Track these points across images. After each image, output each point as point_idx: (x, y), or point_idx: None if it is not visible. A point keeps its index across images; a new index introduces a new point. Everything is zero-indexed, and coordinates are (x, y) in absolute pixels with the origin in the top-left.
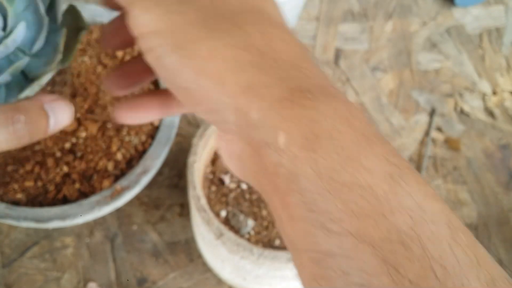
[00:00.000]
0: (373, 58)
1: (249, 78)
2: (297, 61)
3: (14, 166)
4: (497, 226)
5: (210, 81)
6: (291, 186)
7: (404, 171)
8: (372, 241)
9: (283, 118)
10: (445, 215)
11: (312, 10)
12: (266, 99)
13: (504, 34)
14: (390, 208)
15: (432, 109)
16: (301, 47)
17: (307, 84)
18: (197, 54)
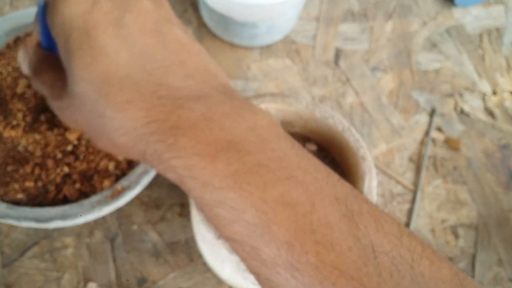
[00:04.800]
0: (373, 58)
1: None
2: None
3: (14, 166)
4: (497, 226)
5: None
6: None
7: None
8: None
9: None
10: None
11: (312, 10)
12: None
13: (504, 34)
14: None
15: (432, 109)
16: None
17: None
18: None
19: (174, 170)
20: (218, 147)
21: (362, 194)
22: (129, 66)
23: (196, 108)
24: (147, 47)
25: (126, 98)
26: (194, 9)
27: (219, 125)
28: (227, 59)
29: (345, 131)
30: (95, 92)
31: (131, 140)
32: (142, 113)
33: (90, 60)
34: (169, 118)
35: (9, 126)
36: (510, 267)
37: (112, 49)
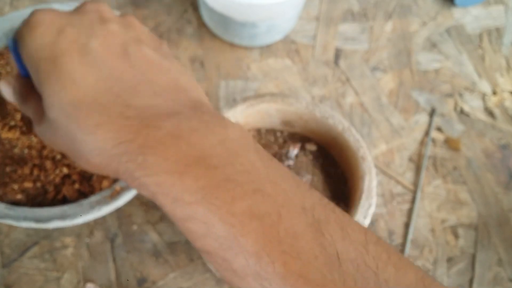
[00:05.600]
0: (373, 58)
1: None
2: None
3: (12, 166)
4: (497, 226)
5: None
6: None
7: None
8: None
9: None
10: None
11: (312, 10)
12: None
13: (504, 34)
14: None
15: (432, 109)
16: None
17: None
18: None
19: (146, 187)
20: (186, 163)
21: (331, 204)
22: (96, 91)
23: (164, 126)
24: (114, 69)
25: (94, 122)
26: (194, 9)
27: (187, 142)
28: (227, 59)
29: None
30: (65, 118)
31: (104, 161)
32: (111, 135)
33: (59, 88)
34: (137, 138)
35: (6, 127)
36: (510, 267)
37: (79, 76)
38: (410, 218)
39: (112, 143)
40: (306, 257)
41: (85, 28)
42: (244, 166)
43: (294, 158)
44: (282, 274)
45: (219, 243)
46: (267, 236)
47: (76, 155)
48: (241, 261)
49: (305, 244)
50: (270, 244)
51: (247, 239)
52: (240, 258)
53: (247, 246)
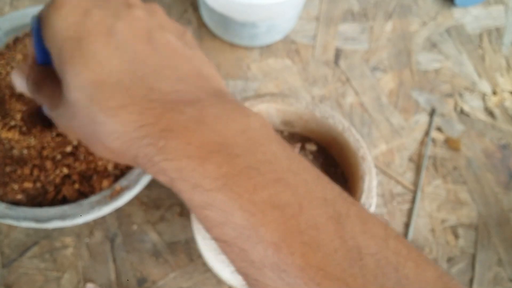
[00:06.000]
0: (373, 58)
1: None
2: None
3: (12, 166)
4: (497, 226)
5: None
6: None
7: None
8: None
9: None
10: None
11: (312, 10)
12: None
13: (504, 34)
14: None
15: (432, 109)
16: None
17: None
18: None
19: (164, 172)
20: (209, 149)
21: (351, 198)
22: (120, 72)
23: (187, 111)
24: (139, 53)
25: (117, 104)
26: (194, 9)
27: (210, 128)
28: (227, 59)
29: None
30: (87, 99)
31: (123, 145)
32: (133, 117)
33: (82, 69)
34: (159, 121)
35: (6, 127)
36: (510, 267)
37: (103, 57)
38: (410, 218)
39: (133, 126)
40: (326, 250)
41: (111, 11)
42: (265, 156)
43: None
44: (301, 265)
45: (237, 232)
46: (287, 227)
47: (93, 140)
48: (260, 251)
49: (326, 236)
50: (290, 234)
51: (266, 229)
52: (258, 248)
53: (267, 236)
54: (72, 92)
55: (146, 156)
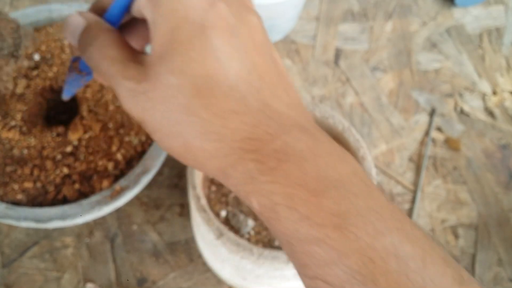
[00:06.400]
0: (373, 58)
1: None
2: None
3: (13, 166)
4: (497, 226)
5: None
6: None
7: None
8: None
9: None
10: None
11: (312, 10)
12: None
13: (504, 34)
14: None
15: (432, 109)
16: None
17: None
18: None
19: (267, 195)
20: (325, 183)
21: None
22: (238, 78)
23: (303, 139)
24: (256, 65)
25: (231, 107)
26: None
27: (326, 163)
28: None
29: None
30: (193, 90)
31: (221, 149)
32: (246, 127)
33: (199, 58)
34: (274, 141)
35: (7, 127)
36: (510, 267)
37: (224, 55)
38: (410, 218)
39: (242, 135)
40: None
41: (235, 10)
42: (380, 201)
43: None
44: None
45: (348, 276)
46: (410, 280)
47: (171, 131)
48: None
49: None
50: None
51: (386, 279)
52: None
53: (382, 285)
54: (177, 76)
55: (247, 171)
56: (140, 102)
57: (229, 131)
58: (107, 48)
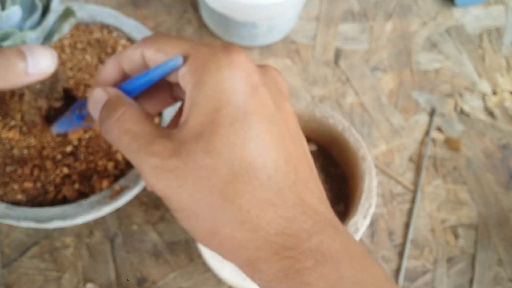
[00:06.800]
0: (373, 58)
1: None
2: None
3: (13, 166)
4: (497, 226)
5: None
6: None
7: None
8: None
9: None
10: None
11: (312, 10)
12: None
13: (504, 34)
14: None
15: (432, 109)
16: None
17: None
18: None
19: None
20: (363, 286)
21: None
22: (276, 168)
23: (337, 239)
24: (292, 154)
25: (268, 199)
26: (194, 9)
27: (361, 266)
28: None
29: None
30: (230, 174)
31: (253, 241)
32: (282, 222)
33: (238, 142)
34: (310, 239)
35: (7, 127)
36: (510, 267)
37: (264, 143)
38: (410, 218)
39: (277, 230)
40: None
41: (272, 96)
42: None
43: None
44: None
45: None
46: None
47: (199, 213)
48: None
49: None
50: None
51: None
52: None
53: None
54: (214, 158)
55: (283, 269)
56: (166, 179)
57: (264, 223)
58: (128, 122)
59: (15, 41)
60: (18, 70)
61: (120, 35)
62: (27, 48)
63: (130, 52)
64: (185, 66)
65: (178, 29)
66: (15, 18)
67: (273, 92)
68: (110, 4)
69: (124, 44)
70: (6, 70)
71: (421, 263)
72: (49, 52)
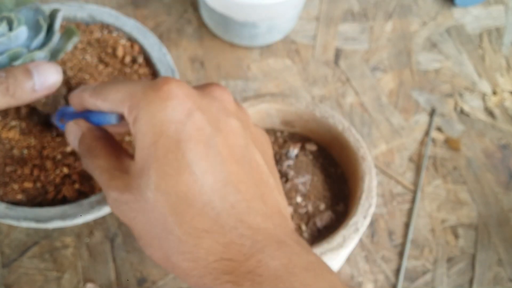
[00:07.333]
0: (373, 58)
1: None
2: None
3: (12, 166)
4: (497, 226)
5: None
6: None
7: None
8: None
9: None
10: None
11: (312, 10)
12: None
13: (504, 34)
14: None
15: (432, 109)
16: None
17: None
18: None
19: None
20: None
21: None
22: (213, 193)
23: (277, 256)
24: (232, 175)
25: (204, 226)
26: (194, 9)
27: (301, 281)
28: (227, 59)
29: (345, 131)
30: (169, 207)
31: (195, 269)
32: (219, 248)
33: (173, 173)
34: (247, 261)
35: (7, 127)
36: (510, 267)
37: (199, 170)
38: (410, 218)
39: (216, 256)
40: None
41: (212, 118)
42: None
43: (294, 158)
44: None
45: None
46: None
47: (153, 245)
48: None
49: None
50: None
51: None
52: None
53: None
54: (152, 192)
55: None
56: (123, 211)
57: (202, 252)
58: (97, 158)
59: (25, 60)
60: (26, 88)
61: (120, 35)
62: (33, 66)
63: (85, 99)
64: (125, 108)
65: (178, 29)
66: (22, 37)
67: (212, 112)
68: (110, 4)
69: (124, 44)
70: (15, 88)
71: (421, 263)
72: (54, 68)
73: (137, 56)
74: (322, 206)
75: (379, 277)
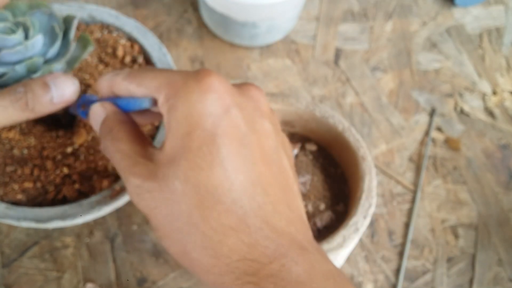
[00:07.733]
0: (373, 58)
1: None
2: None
3: (13, 166)
4: (497, 226)
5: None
6: None
7: None
8: None
9: None
10: None
11: (312, 10)
12: None
13: (504, 34)
14: None
15: (432, 109)
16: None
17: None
18: None
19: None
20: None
21: None
22: (242, 192)
23: (300, 261)
24: (261, 176)
25: (230, 224)
26: (194, 9)
27: (323, 287)
28: (227, 59)
29: (345, 131)
30: (196, 200)
31: (217, 267)
32: (243, 247)
33: (205, 167)
34: (271, 264)
35: (7, 127)
36: (510, 267)
37: (231, 167)
38: (410, 218)
39: (240, 255)
40: None
41: (248, 117)
42: None
43: (294, 157)
44: None
45: None
46: None
47: (174, 237)
48: None
49: None
50: None
51: None
52: None
53: None
54: (182, 183)
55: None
56: (145, 199)
57: (226, 249)
58: (120, 142)
59: (44, 73)
60: (45, 102)
61: (120, 35)
62: (51, 79)
63: (118, 82)
64: (161, 95)
65: (178, 29)
66: (38, 46)
67: (248, 112)
68: (110, 4)
69: (124, 44)
70: (34, 103)
71: (421, 263)
72: (71, 81)
73: (137, 56)
74: (322, 206)
75: (379, 277)
